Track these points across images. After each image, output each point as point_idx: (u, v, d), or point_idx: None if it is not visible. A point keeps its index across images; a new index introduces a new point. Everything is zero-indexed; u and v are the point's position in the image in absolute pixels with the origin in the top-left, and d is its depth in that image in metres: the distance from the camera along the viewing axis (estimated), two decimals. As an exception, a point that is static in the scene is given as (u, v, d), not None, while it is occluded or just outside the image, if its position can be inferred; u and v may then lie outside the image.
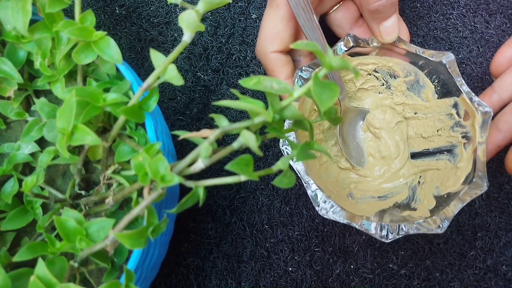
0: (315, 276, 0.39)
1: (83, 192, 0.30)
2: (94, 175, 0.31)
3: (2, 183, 0.30)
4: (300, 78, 0.34)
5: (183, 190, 0.36)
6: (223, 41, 0.44)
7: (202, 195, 0.23)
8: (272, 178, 0.41)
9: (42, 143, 0.31)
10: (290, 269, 0.40)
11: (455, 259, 0.40)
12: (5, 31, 0.29)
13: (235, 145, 0.23)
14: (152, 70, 0.26)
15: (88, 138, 0.25)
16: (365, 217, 0.32)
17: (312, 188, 0.32)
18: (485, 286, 0.40)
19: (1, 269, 0.23)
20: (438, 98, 0.37)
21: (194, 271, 0.40)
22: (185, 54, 0.44)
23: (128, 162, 0.29)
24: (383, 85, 0.40)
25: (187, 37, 0.25)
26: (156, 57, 0.26)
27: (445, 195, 0.34)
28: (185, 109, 0.43)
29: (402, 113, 0.40)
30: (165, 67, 0.26)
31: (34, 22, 0.28)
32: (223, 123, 0.23)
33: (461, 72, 0.44)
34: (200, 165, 0.23)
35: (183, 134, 0.24)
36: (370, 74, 0.39)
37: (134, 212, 0.24)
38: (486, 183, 0.32)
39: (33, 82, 0.31)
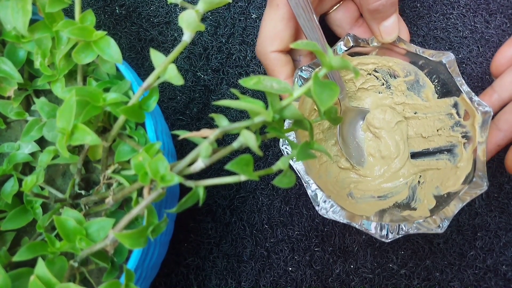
0: (315, 276, 0.39)
1: (83, 192, 0.30)
2: (94, 175, 0.31)
3: (2, 183, 0.30)
4: (300, 78, 0.34)
5: (183, 190, 0.36)
6: (223, 41, 0.44)
7: (202, 195, 0.23)
8: (272, 178, 0.41)
9: (42, 143, 0.31)
10: (290, 269, 0.40)
11: (455, 259, 0.40)
12: (5, 31, 0.29)
13: (235, 145, 0.23)
14: (152, 70, 0.26)
15: (88, 138, 0.25)
16: (365, 217, 0.32)
17: (312, 188, 0.32)
18: (485, 286, 0.40)
19: (1, 269, 0.23)
20: (438, 98, 0.37)
21: (194, 271, 0.40)
22: (185, 54, 0.44)
23: (128, 162, 0.29)
24: (383, 85, 0.40)
25: (187, 37, 0.25)
26: (156, 57, 0.26)
27: (445, 195, 0.34)
28: (185, 109, 0.43)
29: (402, 113, 0.40)
30: (165, 67, 0.26)
31: (34, 22, 0.28)
32: (223, 123, 0.23)
33: (461, 72, 0.44)
34: (200, 165, 0.23)
35: (183, 134, 0.24)
36: (370, 74, 0.39)
37: (134, 212, 0.24)
38: (486, 183, 0.32)
39: (33, 82, 0.31)
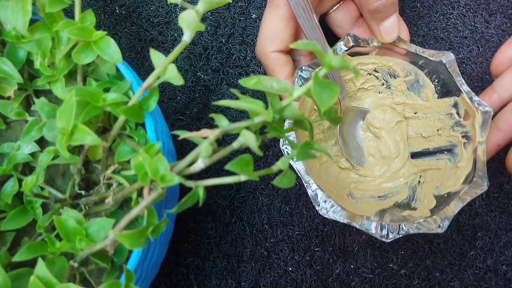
0: (315, 276, 0.39)
1: (83, 192, 0.30)
2: (94, 175, 0.31)
3: (2, 183, 0.30)
4: (300, 78, 0.34)
5: (183, 190, 0.36)
6: (223, 41, 0.44)
7: (202, 195, 0.23)
8: (272, 178, 0.41)
9: (42, 143, 0.31)
10: (290, 269, 0.40)
11: (455, 259, 0.40)
12: (5, 31, 0.29)
13: (235, 145, 0.23)
14: (152, 70, 0.26)
15: (88, 138, 0.25)
16: (365, 217, 0.32)
17: (313, 188, 0.32)
18: (485, 286, 0.39)
19: (1, 269, 0.23)
20: (438, 98, 0.37)
21: (194, 271, 0.40)
22: (185, 54, 0.44)
23: (128, 162, 0.29)
24: (383, 85, 0.40)
25: (187, 37, 0.25)
26: (156, 57, 0.26)
27: (445, 195, 0.34)
28: (185, 109, 0.43)
29: (402, 113, 0.40)
30: (165, 67, 0.26)
31: (34, 22, 0.28)
32: (223, 123, 0.23)
33: (461, 72, 0.44)
34: (200, 165, 0.23)
35: (183, 134, 0.24)
36: (370, 74, 0.39)
37: (134, 212, 0.24)
38: (486, 183, 0.32)
39: (33, 82, 0.31)
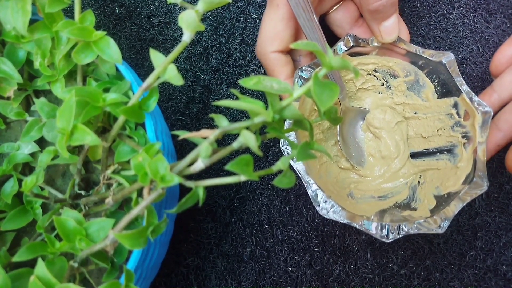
0: (315, 276, 0.39)
1: (83, 192, 0.30)
2: (94, 175, 0.31)
3: (2, 183, 0.30)
4: (300, 78, 0.34)
5: (183, 190, 0.36)
6: (223, 41, 0.44)
7: (202, 195, 0.23)
8: (272, 178, 0.41)
9: (42, 143, 0.31)
10: (290, 269, 0.40)
11: (455, 259, 0.40)
12: (5, 31, 0.29)
13: (235, 145, 0.23)
14: (152, 70, 0.26)
15: (88, 138, 0.25)
16: (366, 217, 0.32)
17: (313, 188, 0.32)
18: (485, 286, 0.39)
19: (1, 269, 0.23)
20: (438, 98, 0.37)
21: (194, 271, 0.40)
22: (185, 54, 0.44)
23: (128, 162, 0.29)
24: (383, 85, 0.40)
25: (187, 37, 0.25)
26: (156, 57, 0.26)
27: (445, 195, 0.34)
28: (185, 109, 0.43)
29: (402, 113, 0.40)
30: (165, 67, 0.26)
31: (34, 22, 0.28)
32: (223, 123, 0.23)
33: (461, 72, 0.44)
34: (200, 165, 0.23)
35: (183, 134, 0.24)
36: (370, 74, 0.39)
37: (134, 212, 0.24)
38: (486, 183, 0.32)
39: (33, 82, 0.31)
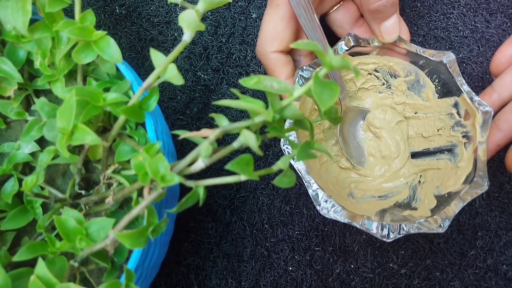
0: (315, 276, 0.39)
1: (83, 192, 0.30)
2: (94, 175, 0.31)
3: (2, 183, 0.30)
4: (301, 78, 0.34)
5: (183, 190, 0.36)
6: (223, 41, 0.44)
7: (202, 195, 0.23)
8: (272, 178, 0.41)
9: (42, 143, 0.31)
10: (291, 269, 0.40)
11: (456, 259, 0.40)
12: (5, 31, 0.29)
13: (235, 145, 0.22)
14: (152, 70, 0.26)
15: (88, 138, 0.25)
16: (366, 217, 0.32)
17: (313, 188, 0.32)
18: (486, 286, 0.39)
19: (1, 269, 0.23)
20: (439, 98, 0.37)
21: (194, 271, 0.40)
22: (185, 54, 0.44)
23: (128, 162, 0.29)
24: (384, 85, 0.40)
25: (187, 37, 0.25)
26: (156, 57, 0.26)
27: (446, 195, 0.34)
28: (185, 109, 0.43)
29: (403, 113, 0.40)
30: (165, 67, 0.26)
31: (34, 22, 0.28)
32: (223, 123, 0.23)
33: (462, 72, 0.44)
34: (200, 165, 0.23)
35: (183, 134, 0.24)
36: (371, 74, 0.39)
37: (134, 212, 0.24)
38: (487, 183, 0.32)
39: (33, 82, 0.31)
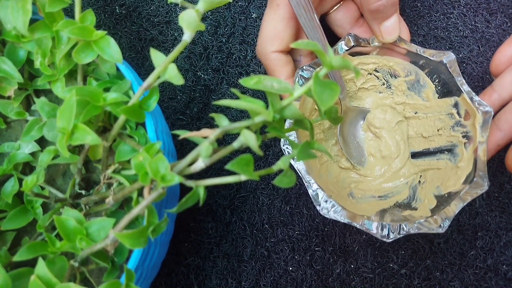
0: (316, 276, 0.39)
1: (84, 192, 0.30)
2: (95, 175, 0.31)
3: (2, 183, 0.30)
4: (301, 78, 0.34)
5: (184, 190, 0.36)
6: (224, 41, 0.44)
7: (203, 195, 0.23)
8: (273, 178, 0.41)
9: (42, 143, 0.31)
10: (291, 269, 0.40)
11: (456, 259, 0.40)
12: (5, 31, 0.29)
13: (236, 145, 0.22)
14: (152, 70, 0.26)
15: (88, 138, 0.25)
16: (366, 217, 0.32)
17: (313, 188, 0.32)
18: (486, 286, 0.39)
19: (1, 269, 0.23)
20: (439, 98, 0.37)
21: (195, 271, 0.40)
22: (185, 54, 0.44)
23: (129, 162, 0.29)
24: (384, 85, 0.40)
25: (187, 37, 0.25)
26: (156, 57, 0.26)
27: (446, 195, 0.34)
28: (186, 109, 0.43)
29: (403, 113, 0.40)
30: (165, 67, 0.26)
31: (34, 22, 0.28)
32: (224, 123, 0.23)
33: (462, 72, 0.44)
34: (201, 165, 0.23)
35: (184, 134, 0.24)
36: (371, 74, 0.39)
37: (135, 212, 0.24)
38: (487, 183, 0.32)
39: (33, 82, 0.31)
